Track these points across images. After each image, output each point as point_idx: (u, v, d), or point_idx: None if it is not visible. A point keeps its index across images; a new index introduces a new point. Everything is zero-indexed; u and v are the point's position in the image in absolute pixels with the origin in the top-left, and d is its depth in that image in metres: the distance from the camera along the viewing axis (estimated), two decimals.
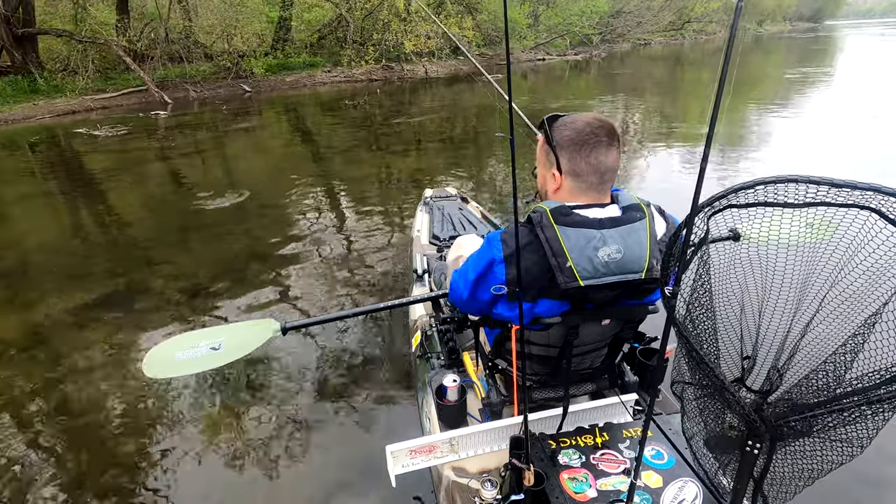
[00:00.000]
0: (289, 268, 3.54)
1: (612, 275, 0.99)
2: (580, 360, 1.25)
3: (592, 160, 1.04)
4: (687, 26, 36.05)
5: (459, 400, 1.37)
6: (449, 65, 19.82)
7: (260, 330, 1.43)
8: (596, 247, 0.98)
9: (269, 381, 2.41)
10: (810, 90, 11.10)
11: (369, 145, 7.64)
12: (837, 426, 0.72)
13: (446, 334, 1.72)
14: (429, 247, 2.66)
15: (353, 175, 6.07)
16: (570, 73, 18.27)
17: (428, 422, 1.53)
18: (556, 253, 0.97)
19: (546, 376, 1.27)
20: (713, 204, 0.76)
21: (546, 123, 1.09)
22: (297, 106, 12.76)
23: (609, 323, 1.15)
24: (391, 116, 10.20)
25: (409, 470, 1.18)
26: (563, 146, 1.05)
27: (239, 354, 1.37)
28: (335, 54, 18.39)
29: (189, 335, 1.45)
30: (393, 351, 2.54)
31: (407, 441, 1.17)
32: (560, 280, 0.98)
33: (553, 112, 1.12)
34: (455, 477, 1.24)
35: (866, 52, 22.44)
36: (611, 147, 1.04)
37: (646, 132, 7.96)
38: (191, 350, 1.37)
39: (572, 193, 1.08)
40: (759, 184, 0.72)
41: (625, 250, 0.99)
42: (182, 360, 1.34)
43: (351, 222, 4.44)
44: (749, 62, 18.91)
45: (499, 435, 1.21)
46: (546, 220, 0.99)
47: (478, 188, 5.37)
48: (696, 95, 11.77)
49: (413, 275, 2.39)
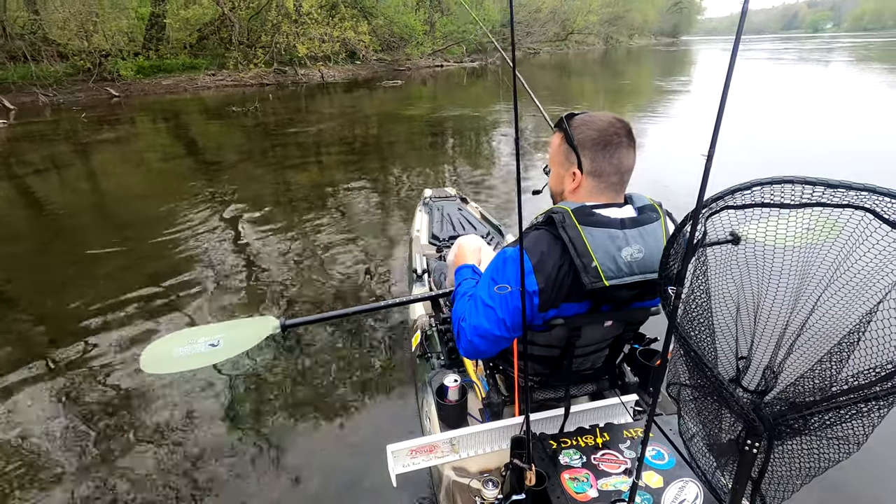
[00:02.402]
0: (167, 311, 3.02)
1: (633, 274, 1.01)
2: (582, 361, 1.25)
3: (615, 161, 1.04)
4: (570, 37, 39.05)
5: (460, 400, 1.37)
6: (347, 70, 19.39)
7: (259, 326, 1.42)
8: (619, 246, 0.99)
9: (268, 378, 2.40)
10: (677, 97, 11.88)
11: (265, 156, 7.03)
12: (834, 424, 0.73)
13: (446, 334, 1.72)
14: (428, 247, 2.67)
15: (248, 193, 5.37)
16: (469, 80, 18.72)
17: (428, 422, 1.53)
18: (581, 253, 0.97)
19: (547, 377, 1.26)
20: (710, 205, 0.76)
21: (562, 124, 1.08)
22: (177, 113, 11.81)
23: (611, 324, 1.15)
24: (287, 124, 9.64)
25: (409, 470, 1.18)
26: (586, 146, 1.05)
27: (238, 350, 1.35)
28: (220, 56, 17.11)
29: (188, 332, 1.43)
30: (392, 350, 2.53)
31: (407, 441, 1.17)
32: (586, 281, 0.98)
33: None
34: (455, 477, 1.24)
35: (715, 63, 25.65)
36: (630, 148, 1.05)
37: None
38: (189, 346, 1.35)
39: (591, 193, 1.07)
40: (756, 185, 0.73)
41: (645, 250, 1.00)
42: (180, 356, 1.33)
43: (252, 245, 3.97)
44: (626, 73, 20.84)
45: (499, 435, 1.22)
46: (569, 221, 0.98)
47: (385, 199, 5.08)
48: (588, 102, 12.36)
49: (413, 275, 2.40)
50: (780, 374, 0.80)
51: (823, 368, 0.73)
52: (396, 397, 2.22)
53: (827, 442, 0.75)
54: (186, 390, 2.31)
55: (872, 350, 0.68)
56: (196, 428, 2.10)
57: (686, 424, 0.92)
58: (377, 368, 2.44)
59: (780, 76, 17.57)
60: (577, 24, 38.64)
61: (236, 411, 2.20)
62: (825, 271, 0.76)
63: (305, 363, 2.52)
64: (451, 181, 5.77)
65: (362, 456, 1.92)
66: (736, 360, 0.86)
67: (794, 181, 0.70)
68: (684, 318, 0.83)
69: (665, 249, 0.82)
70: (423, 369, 1.75)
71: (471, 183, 5.64)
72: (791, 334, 0.80)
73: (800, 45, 45.68)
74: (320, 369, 2.46)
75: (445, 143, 8.05)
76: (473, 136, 8.56)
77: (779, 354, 0.81)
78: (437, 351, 1.75)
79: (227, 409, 2.22)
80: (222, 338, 1.38)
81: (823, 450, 0.76)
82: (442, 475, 1.30)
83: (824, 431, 0.75)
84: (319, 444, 2.02)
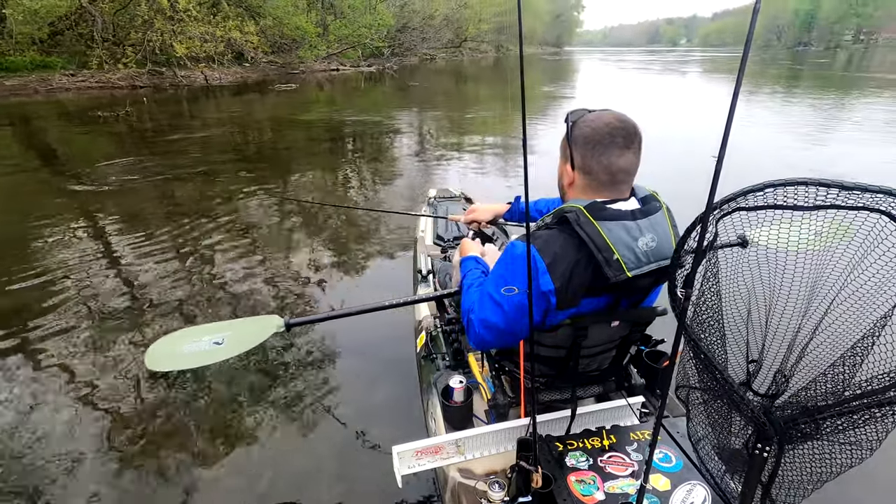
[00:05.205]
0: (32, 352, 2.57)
1: (650, 263, 1.02)
2: (588, 362, 1.24)
3: (604, 160, 1.03)
4: (464, 44, 40.30)
5: (466, 401, 1.37)
6: (234, 72, 18.09)
7: (263, 325, 1.42)
8: (635, 237, 1.00)
9: (272, 378, 2.38)
10: (566, 103, 12.41)
11: (142, 167, 6.16)
12: (847, 429, 0.72)
13: (451, 335, 1.71)
14: (433, 247, 2.65)
15: (124, 208, 4.74)
16: (366, 85, 18.39)
17: (433, 423, 1.53)
18: (601, 248, 0.98)
19: (553, 378, 1.26)
20: (722, 207, 0.75)
21: (568, 119, 1.09)
22: (27, 117, 10.33)
23: (618, 325, 1.15)
24: (167, 131, 8.74)
25: (415, 471, 1.18)
26: (578, 143, 1.06)
27: (242, 349, 1.36)
28: (80, 54, 15.06)
29: (192, 329, 1.43)
30: (397, 351, 2.48)
31: (413, 442, 1.17)
32: (610, 274, 0.98)
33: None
34: (461, 478, 1.24)
35: (594, 72, 28.20)
36: (626, 150, 1.03)
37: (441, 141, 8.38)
38: (193, 344, 1.35)
39: (584, 191, 1.08)
40: (768, 186, 0.71)
41: (658, 238, 1.03)
42: (184, 353, 1.33)
43: (133, 267, 3.47)
44: (517, 80, 21.97)
45: (505, 436, 1.21)
46: (584, 218, 0.99)
47: (281, 208, 4.76)
48: (485, 107, 12.58)
49: (418, 275, 2.39)
50: (792, 377, 0.80)
51: (836, 373, 0.72)
52: (401, 398, 2.20)
53: (839, 447, 0.74)
54: (182, 390, 2.27)
55: (887, 354, 0.67)
56: (191, 428, 2.08)
57: (695, 427, 0.92)
58: (381, 368, 2.43)
59: (649, 83, 19.66)
60: (470, 31, 40.06)
61: (233, 409, 2.18)
62: (838, 275, 0.75)
63: (308, 361, 2.51)
64: (357, 188, 5.59)
65: (367, 456, 1.92)
66: (746, 363, 0.85)
67: (809, 183, 0.68)
68: (694, 320, 0.81)
69: (675, 251, 0.81)
70: (429, 370, 1.74)
71: (374, 190, 5.55)
72: (803, 338, 0.79)
73: (662, 57, 50.85)
74: (323, 368, 2.46)
75: (345, 149, 7.74)
76: (375, 141, 8.29)
77: (790, 358, 0.80)
78: (442, 352, 1.75)
79: (223, 407, 2.19)
80: (226, 336, 1.39)
81: (835, 455, 0.75)
82: (447, 476, 1.29)
83: (836, 436, 0.74)
84: (324, 443, 2.01)
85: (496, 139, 8.32)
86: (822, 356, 0.77)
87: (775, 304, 0.81)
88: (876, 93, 14.30)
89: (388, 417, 2.12)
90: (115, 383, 2.33)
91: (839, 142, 7.67)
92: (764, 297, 0.83)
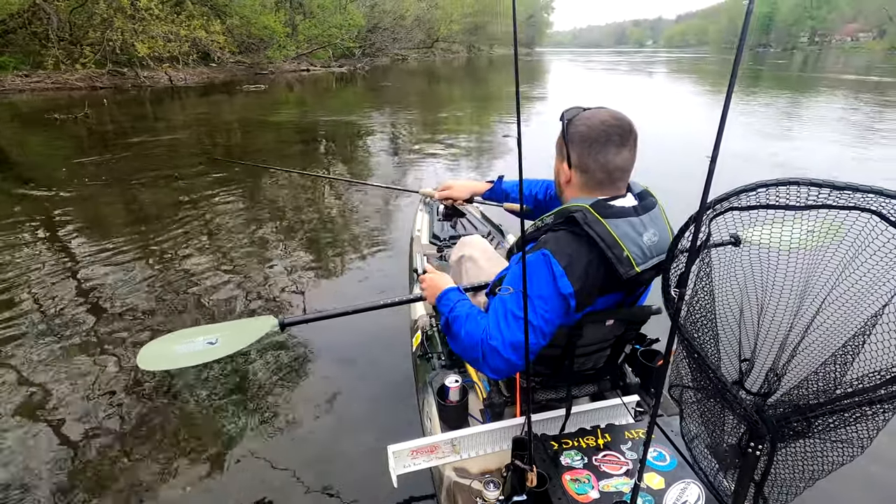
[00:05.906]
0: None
1: (654, 257, 1.04)
2: (584, 361, 1.24)
3: (601, 158, 1.04)
4: (436, 45, 40.27)
5: (461, 400, 1.36)
6: (200, 72, 17.62)
7: (258, 325, 1.41)
8: (640, 232, 1.02)
9: (266, 378, 2.35)
10: (537, 104, 12.40)
11: (107, 172, 5.88)
12: (838, 427, 0.73)
13: None
14: (429, 246, 2.64)
15: (86, 215, 4.51)
16: (338, 85, 18.21)
17: (429, 422, 1.53)
18: (612, 245, 0.98)
19: (548, 377, 1.26)
20: (715, 206, 0.75)
21: (563, 117, 1.09)
22: None
23: (613, 324, 1.15)
24: (129, 133, 8.43)
25: (410, 470, 1.18)
26: (574, 141, 1.06)
27: (236, 348, 1.34)
28: (34, 54, 14.40)
29: (187, 331, 1.41)
30: (393, 350, 2.46)
31: (408, 441, 1.17)
32: (621, 271, 0.99)
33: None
34: (456, 477, 1.24)
35: (564, 72, 28.49)
36: (622, 147, 1.03)
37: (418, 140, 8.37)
38: (187, 344, 1.34)
39: (582, 188, 1.09)
40: (760, 186, 0.72)
41: (658, 232, 1.05)
42: (177, 353, 1.32)
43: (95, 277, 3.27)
44: (490, 80, 21.96)
45: (500, 436, 1.22)
46: (591, 217, 0.99)
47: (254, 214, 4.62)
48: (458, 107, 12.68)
49: (413, 275, 2.38)
50: (784, 376, 0.80)
51: (827, 371, 0.73)
52: (396, 397, 2.18)
53: (830, 445, 0.75)
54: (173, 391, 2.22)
55: (878, 353, 0.68)
56: (187, 428, 2.04)
57: (688, 426, 0.92)
58: (377, 368, 2.40)
59: (619, 84, 20.05)
60: (441, 32, 40.08)
61: (229, 409, 2.14)
62: (830, 274, 0.76)
63: (303, 361, 2.47)
64: (330, 193, 5.48)
65: (362, 456, 1.89)
66: (739, 362, 0.85)
67: (800, 183, 0.68)
68: (687, 319, 0.81)
69: (669, 250, 0.81)
70: (424, 370, 1.73)
71: (349, 190, 5.44)
72: (795, 337, 0.80)
73: (629, 57, 51.79)
74: (318, 367, 2.42)
75: (318, 151, 7.59)
76: (348, 142, 8.14)
77: (782, 357, 0.81)
78: (437, 351, 1.73)
79: (220, 407, 2.16)
80: (220, 336, 1.37)
81: (827, 453, 0.76)
82: (443, 476, 1.29)
83: (828, 434, 0.75)
84: (319, 443, 1.98)
85: (470, 138, 8.33)
86: (814, 355, 0.78)
87: (767, 304, 0.82)
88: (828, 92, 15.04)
89: (384, 417, 2.10)
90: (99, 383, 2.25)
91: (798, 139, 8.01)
92: (756, 296, 0.83)
